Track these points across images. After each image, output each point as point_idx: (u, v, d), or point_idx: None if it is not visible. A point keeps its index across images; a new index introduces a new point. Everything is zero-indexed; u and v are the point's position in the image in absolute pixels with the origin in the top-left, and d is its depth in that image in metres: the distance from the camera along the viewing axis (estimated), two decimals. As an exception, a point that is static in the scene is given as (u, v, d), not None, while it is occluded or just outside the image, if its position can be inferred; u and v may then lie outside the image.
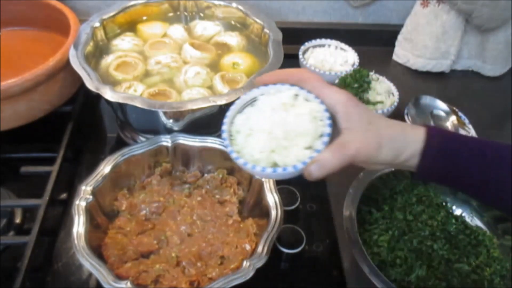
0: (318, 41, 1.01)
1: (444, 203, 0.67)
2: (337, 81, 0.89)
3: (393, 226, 0.62)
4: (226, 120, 0.49)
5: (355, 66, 0.95)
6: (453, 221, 0.63)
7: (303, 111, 0.47)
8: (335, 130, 0.47)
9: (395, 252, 0.60)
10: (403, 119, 0.85)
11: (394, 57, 1.05)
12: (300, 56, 0.97)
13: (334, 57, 0.97)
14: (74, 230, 0.55)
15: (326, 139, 0.45)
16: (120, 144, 0.78)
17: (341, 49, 1.00)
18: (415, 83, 1.00)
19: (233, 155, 0.47)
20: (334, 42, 1.01)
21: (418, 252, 0.59)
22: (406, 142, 0.48)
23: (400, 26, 1.03)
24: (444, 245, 0.60)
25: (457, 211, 0.67)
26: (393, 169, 0.66)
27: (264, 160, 0.46)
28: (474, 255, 0.60)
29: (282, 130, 0.46)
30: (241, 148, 0.48)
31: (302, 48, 0.99)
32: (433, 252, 0.59)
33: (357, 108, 0.48)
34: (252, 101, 0.50)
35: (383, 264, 0.60)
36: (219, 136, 0.70)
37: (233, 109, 0.50)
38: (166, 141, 0.67)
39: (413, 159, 0.49)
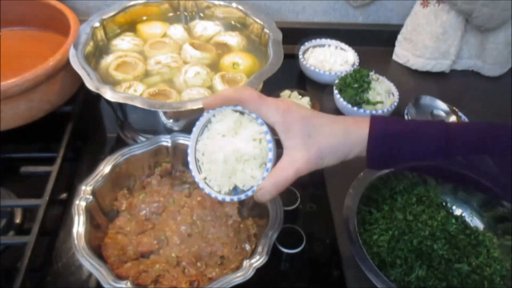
0: (318, 41, 1.01)
1: (444, 203, 0.67)
2: (337, 81, 0.89)
3: (393, 226, 0.62)
4: (189, 151, 0.55)
5: (355, 66, 0.95)
6: (453, 221, 0.63)
7: (248, 135, 0.51)
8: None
9: (395, 252, 0.60)
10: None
11: (394, 57, 1.05)
12: (300, 56, 0.97)
13: (334, 57, 0.97)
14: (74, 230, 0.55)
15: (269, 165, 0.50)
16: (120, 144, 0.78)
17: (341, 49, 1.00)
18: (415, 83, 1.00)
19: (200, 185, 0.54)
20: (334, 42, 1.01)
21: (418, 252, 0.59)
22: (350, 145, 0.50)
23: (400, 26, 1.03)
24: (444, 245, 0.60)
25: (457, 211, 0.67)
26: (392, 169, 0.67)
27: (227, 183, 0.53)
28: (474, 255, 0.60)
29: (235, 156, 0.51)
30: (208, 174, 0.54)
31: (302, 48, 0.99)
32: (433, 252, 0.59)
33: (295, 123, 0.49)
34: (207, 123, 0.55)
35: (383, 264, 0.60)
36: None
37: (192, 138, 0.55)
38: (166, 141, 0.67)
39: (362, 153, 0.51)
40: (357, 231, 0.59)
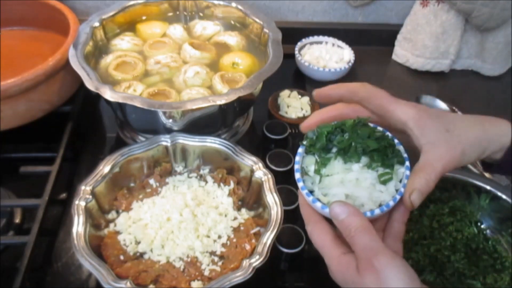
0: (316, 38, 1.01)
1: (479, 223, 0.65)
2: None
3: (416, 229, 0.62)
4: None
5: (351, 64, 0.95)
6: (482, 240, 0.61)
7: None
8: (411, 146, 0.48)
9: (409, 254, 0.59)
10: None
11: (394, 57, 1.05)
12: (296, 53, 0.97)
13: (330, 54, 0.97)
14: (74, 230, 0.55)
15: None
16: (120, 144, 0.78)
17: (338, 46, 1.00)
18: (415, 83, 1.00)
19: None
20: (331, 40, 1.01)
21: (432, 259, 0.59)
22: (488, 141, 0.48)
23: (400, 26, 1.03)
24: (463, 259, 0.58)
25: (493, 235, 0.65)
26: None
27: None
28: (494, 278, 0.58)
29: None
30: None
31: (299, 44, 0.99)
32: (448, 263, 0.58)
33: (430, 119, 0.47)
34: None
35: None
36: (218, 136, 0.70)
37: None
38: (165, 141, 0.67)
39: (495, 154, 0.49)
40: None
